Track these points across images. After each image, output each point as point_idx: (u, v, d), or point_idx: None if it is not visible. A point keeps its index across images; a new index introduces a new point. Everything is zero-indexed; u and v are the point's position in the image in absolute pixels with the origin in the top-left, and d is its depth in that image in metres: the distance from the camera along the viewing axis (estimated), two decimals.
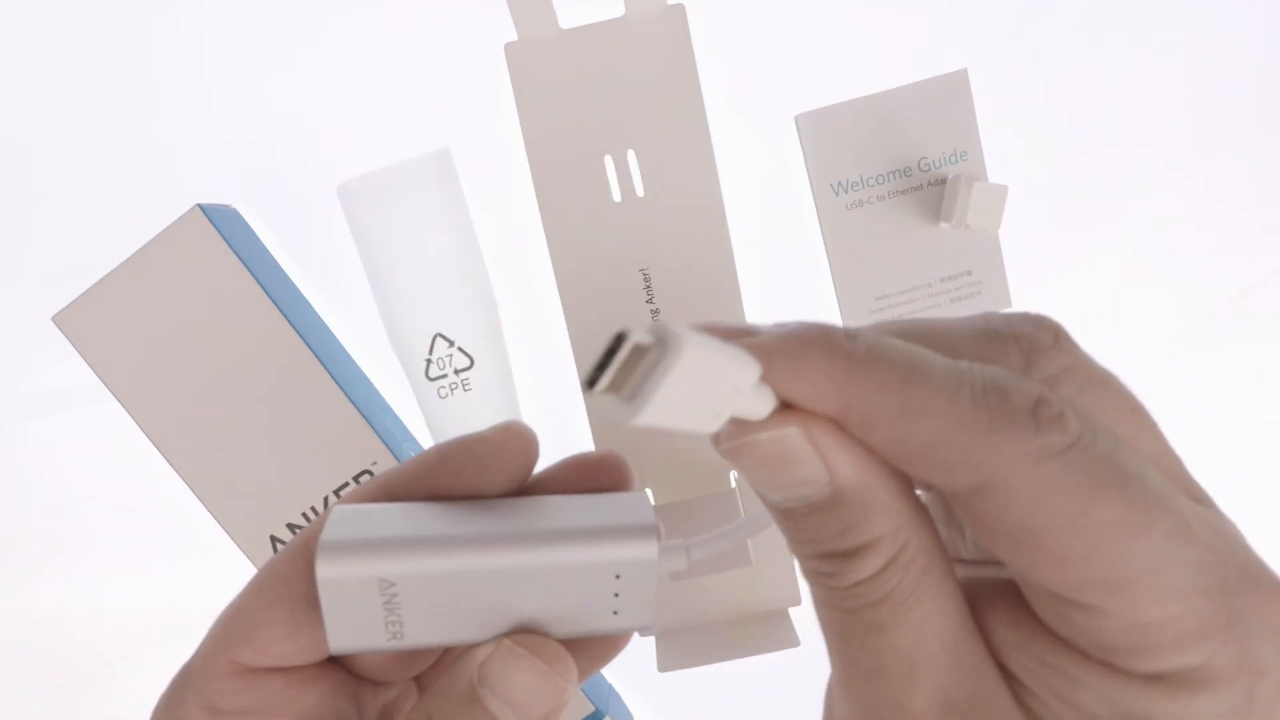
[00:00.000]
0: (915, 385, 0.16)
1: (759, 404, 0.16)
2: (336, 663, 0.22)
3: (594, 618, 0.20)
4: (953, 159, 0.40)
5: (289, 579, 0.21)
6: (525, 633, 0.20)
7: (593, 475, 0.22)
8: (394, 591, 0.19)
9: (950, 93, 0.39)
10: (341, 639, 0.20)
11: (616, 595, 0.20)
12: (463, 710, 0.20)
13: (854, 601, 0.17)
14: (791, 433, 0.16)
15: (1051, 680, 0.16)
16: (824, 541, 0.17)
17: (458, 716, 0.20)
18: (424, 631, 0.20)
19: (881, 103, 0.39)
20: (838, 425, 0.16)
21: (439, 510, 0.20)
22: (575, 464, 0.22)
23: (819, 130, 0.40)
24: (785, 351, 0.16)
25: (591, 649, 0.22)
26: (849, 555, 0.17)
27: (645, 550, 0.20)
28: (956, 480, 0.16)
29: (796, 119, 0.40)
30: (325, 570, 0.19)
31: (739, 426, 0.17)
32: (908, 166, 0.40)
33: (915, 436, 0.16)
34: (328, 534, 0.19)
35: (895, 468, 0.17)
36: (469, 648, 0.20)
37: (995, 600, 0.18)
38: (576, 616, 0.20)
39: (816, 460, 0.17)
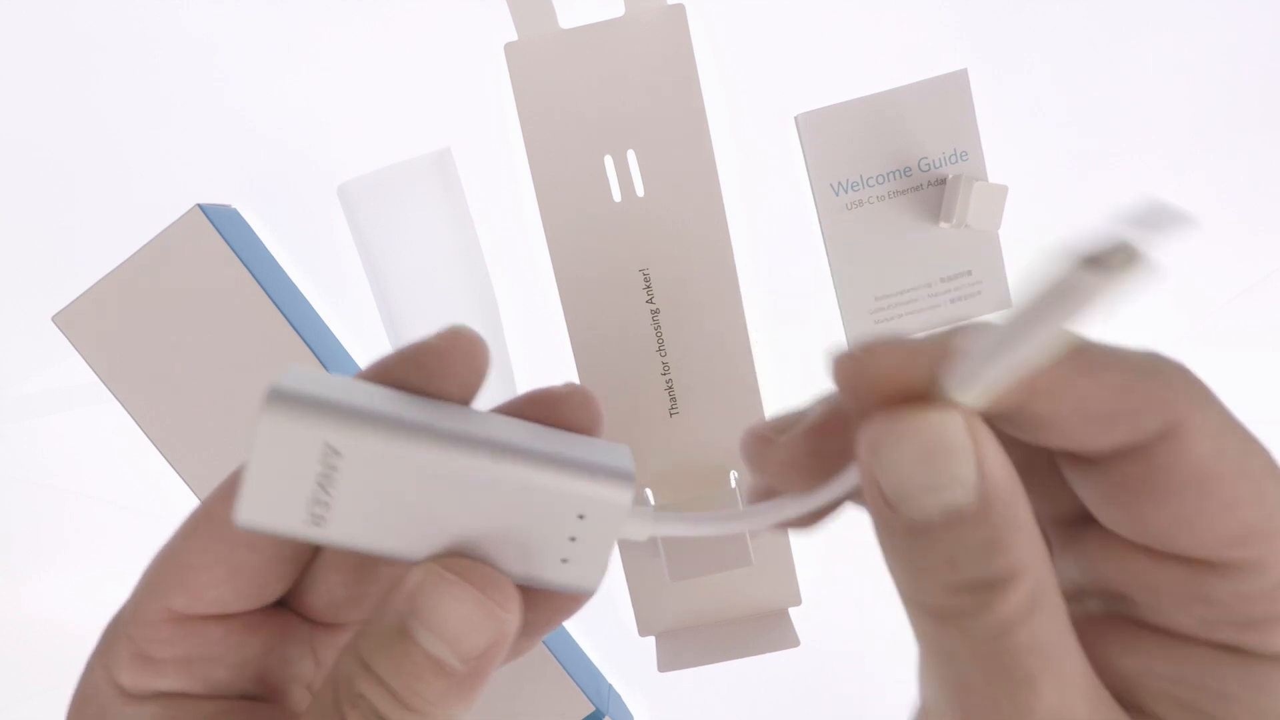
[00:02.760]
0: (1089, 345, 0.15)
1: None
2: (284, 606, 0.20)
3: (541, 560, 0.18)
4: (953, 159, 0.40)
5: (225, 520, 0.19)
6: (460, 557, 0.18)
7: (555, 411, 0.19)
8: (335, 464, 0.17)
9: (950, 93, 0.39)
10: (254, 512, 0.17)
11: (572, 540, 0.18)
12: (393, 645, 0.17)
13: (998, 646, 0.14)
14: (955, 419, 0.15)
15: (1193, 694, 0.15)
16: (964, 565, 0.15)
17: (389, 653, 0.17)
18: (350, 525, 0.17)
19: (881, 103, 0.39)
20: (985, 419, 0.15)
21: (405, 397, 0.18)
22: (537, 397, 0.20)
23: (819, 130, 0.40)
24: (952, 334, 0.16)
25: (535, 603, 0.20)
26: (994, 585, 0.15)
27: (619, 495, 0.18)
28: (1146, 425, 0.15)
29: (797, 119, 0.40)
30: (270, 419, 0.16)
31: (893, 413, 0.15)
32: (908, 166, 0.40)
33: (1105, 383, 0.15)
34: (281, 382, 0.17)
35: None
36: (399, 578, 0.18)
37: (1099, 635, 0.16)
38: (523, 553, 0.18)
39: (971, 456, 0.15)
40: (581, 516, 0.18)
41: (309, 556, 0.20)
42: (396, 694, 0.17)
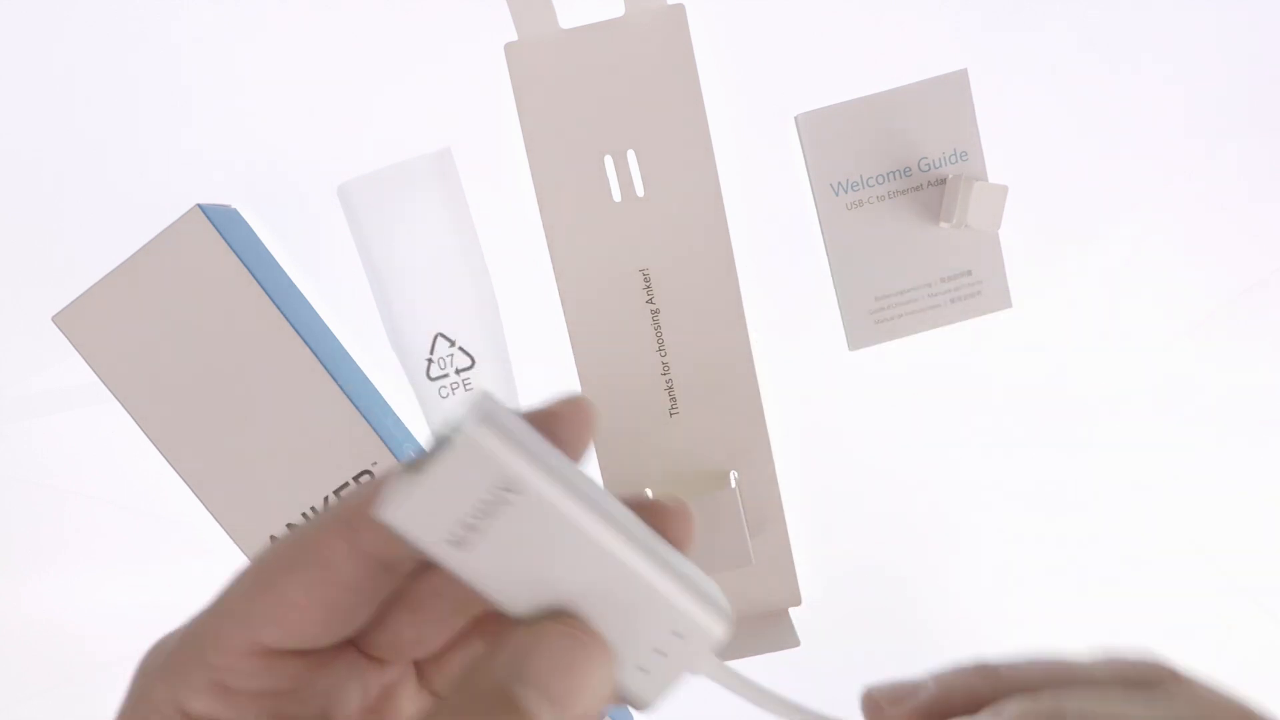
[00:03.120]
0: None
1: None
2: (351, 642, 0.20)
3: (622, 662, 0.18)
4: (953, 159, 0.40)
5: (331, 562, 0.18)
6: (568, 616, 0.18)
7: (552, 422, 0.19)
8: (507, 499, 0.17)
9: (950, 93, 0.39)
10: (403, 513, 0.17)
11: (657, 653, 0.19)
12: (495, 709, 0.16)
13: None
14: None
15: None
16: None
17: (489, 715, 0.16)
18: (485, 559, 0.17)
19: (882, 103, 0.39)
20: None
21: (565, 457, 0.18)
22: (542, 418, 0.20)
23: (819, 130, 0.40)
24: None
25: None
26: None
27: (717, 628, 0.19)
28: None
29: (797, 119, 0.40)
30: (472, 436, 0.17)
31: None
32: (908, 166, 0.40)
33: None
34: (485, 405, 0.17)
35: None
36: (491, 644, 0.18)
37: None
38: (613, 649, 0.18)
39: None
40: (677, 634, 0.19)
41: (389, 593, 0.20)
42: None
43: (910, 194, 0.40)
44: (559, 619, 0.18)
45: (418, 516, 0.17)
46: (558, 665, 0.17)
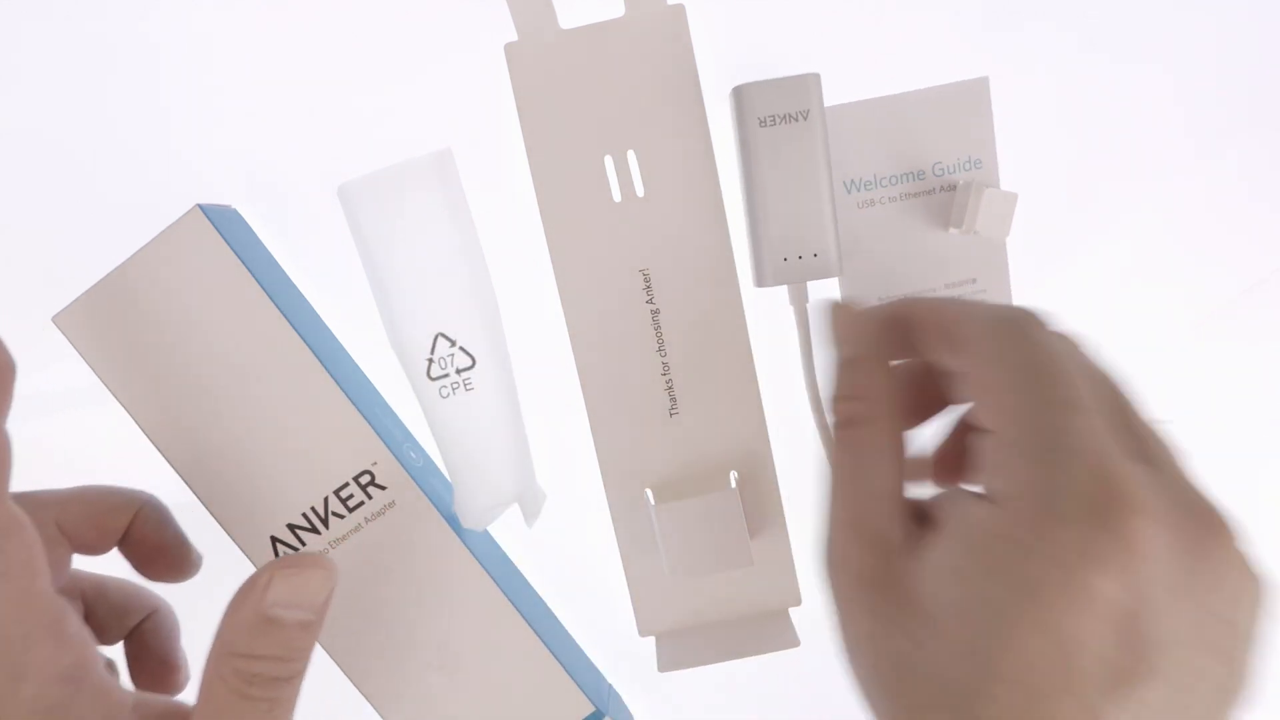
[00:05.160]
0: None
1: None
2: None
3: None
4: (966, 166, 0.40)
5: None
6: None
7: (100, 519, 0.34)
8: None
9: (970, 99, 0.39)
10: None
11: None
12: (264, 627, 0.27)
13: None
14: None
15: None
16: None
17: (256, 636, 0.26)
18: None
19: (901, 103, 0.39)
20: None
21: None
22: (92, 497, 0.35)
23: (838, 126, 0.39)
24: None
25: None
26: None
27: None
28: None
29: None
30: None
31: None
32: (921, 170, 0.40)
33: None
34: None
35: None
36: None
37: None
38: None
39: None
40: None
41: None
42: (280, 658, 0.27)
43: (922, 198, 0.40)
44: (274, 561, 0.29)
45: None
46: (286, 584, 0.28)
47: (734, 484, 0.38)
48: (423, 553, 0.38)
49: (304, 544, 0.37)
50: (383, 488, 0.38)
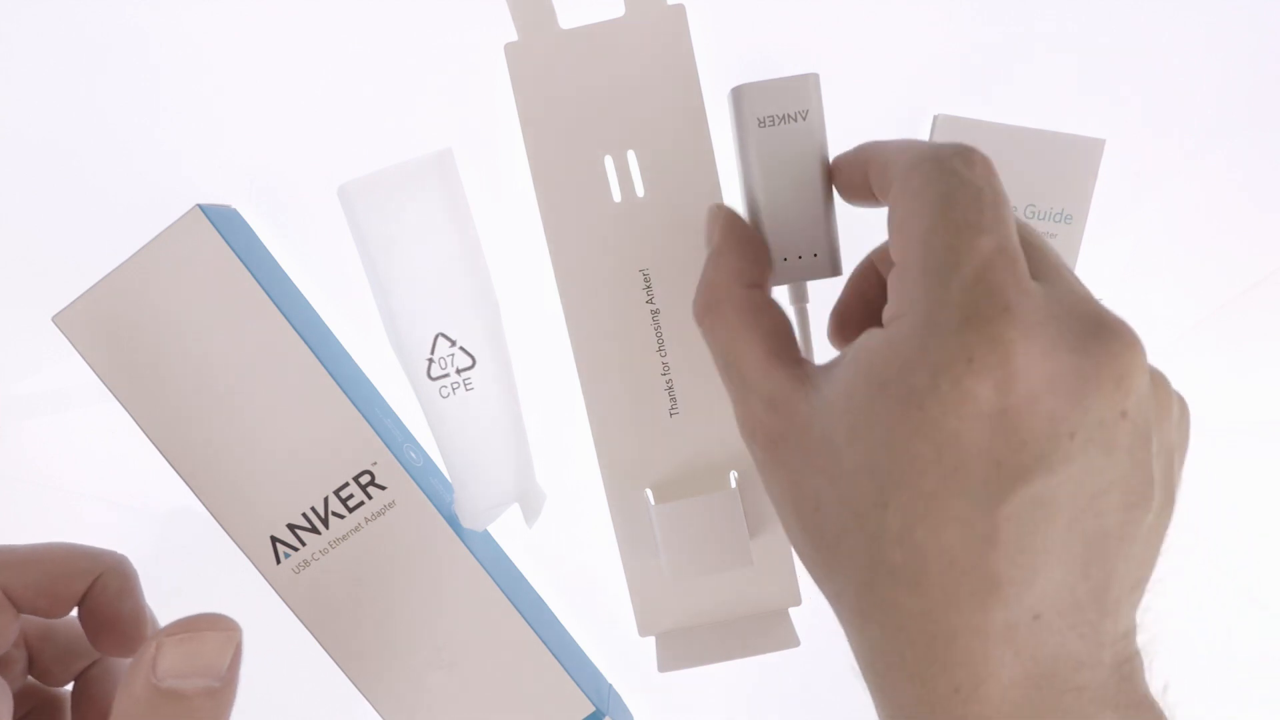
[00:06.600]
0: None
1: None
2: None
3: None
4: (1059, 217, 0.40)
5: None
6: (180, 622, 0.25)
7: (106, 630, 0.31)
8: None
9: (1083, 156, 0.40)
10: None
11: None
12: (155, 706, 0.24)
13: None
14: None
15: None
16: None
17: (153, 713, 0.24)
18: None
19: (1018, 136, 0.40)
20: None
21: None
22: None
23: (949, 138, 0.39)
24: None
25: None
26: None
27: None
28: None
29: (936, 118, 0.40)
30: None
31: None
32: (1015, 206, 0.40)
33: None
34: None
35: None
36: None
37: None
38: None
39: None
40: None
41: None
42: None
43: None
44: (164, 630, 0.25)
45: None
46: (177, 657, 0.25)
47: (734, 484, 0.38)
48: (423, 553, 0.38)
49: (304, 544, 0.37)
50: (383, 488, 0.38)
